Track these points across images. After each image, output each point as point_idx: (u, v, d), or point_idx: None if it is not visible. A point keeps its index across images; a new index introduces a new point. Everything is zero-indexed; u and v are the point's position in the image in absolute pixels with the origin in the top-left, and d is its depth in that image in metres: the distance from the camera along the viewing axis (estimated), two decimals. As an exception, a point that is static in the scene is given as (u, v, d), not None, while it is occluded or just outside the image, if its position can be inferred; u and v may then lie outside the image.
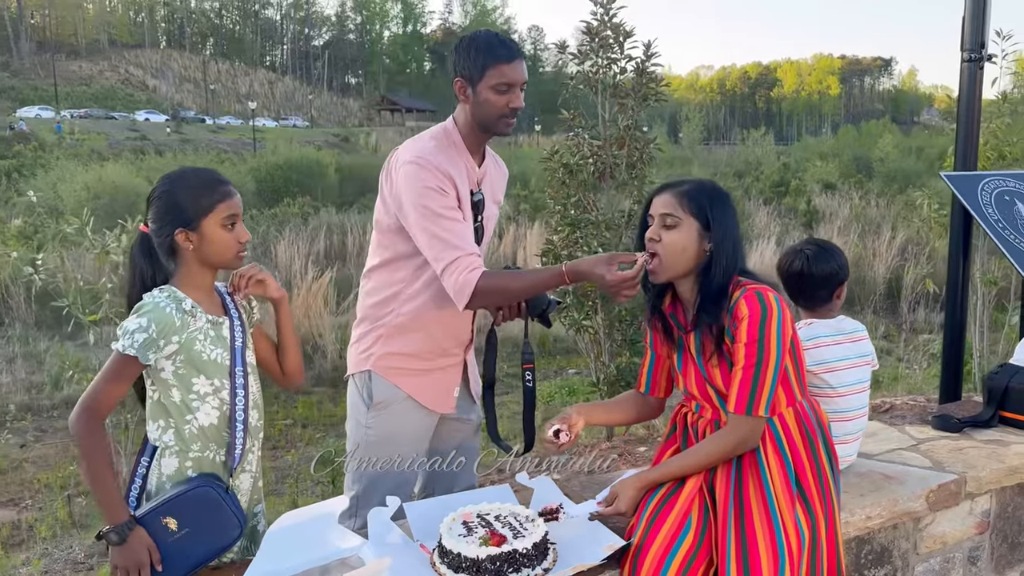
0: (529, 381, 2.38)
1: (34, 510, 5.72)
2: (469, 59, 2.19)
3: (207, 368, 1.89)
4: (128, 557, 1.76)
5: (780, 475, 1.88)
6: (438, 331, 2.29)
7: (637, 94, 5.03)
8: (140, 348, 1.79)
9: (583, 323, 5.11)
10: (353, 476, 2.32)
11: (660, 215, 1.94)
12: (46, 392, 8.43)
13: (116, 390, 1.82)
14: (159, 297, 1.84)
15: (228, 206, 1.88)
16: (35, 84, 79.35)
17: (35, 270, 4.36)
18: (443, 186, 2.15)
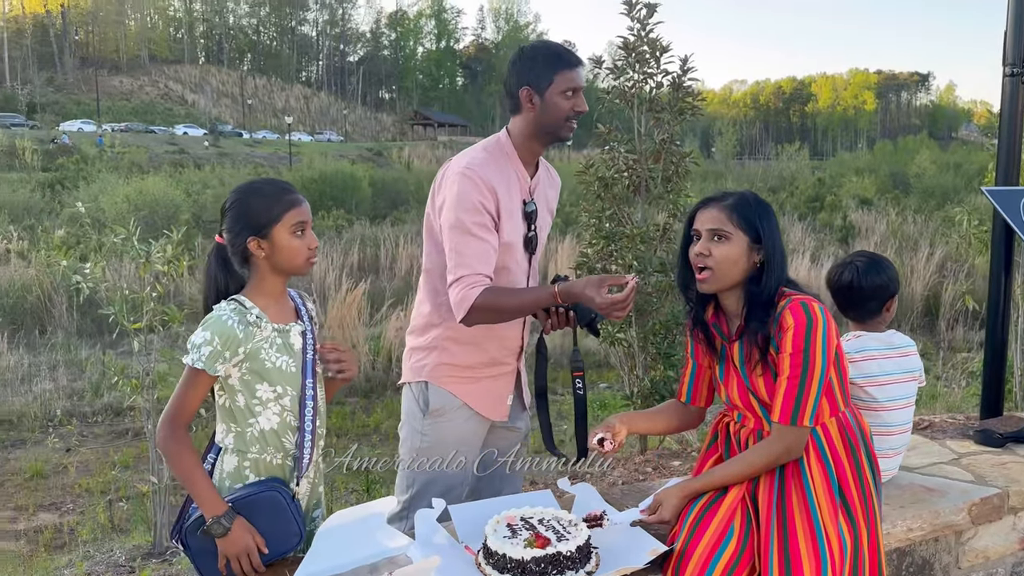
0: (580, 388, 2.41)
1: (75, 514, 5.84)
2: (537, 67, 2.28)
3: (271, 375, 1.94)
4: (235, 544, 1.84)
5: (823, 484, 1.89)
6: (489, 341, 2.35)
7: (673, 108, 5.04)
8: (207, 361, 1.87)
9: (617, 336, 5.11)
10: (406, 480, 2.37)
11: (708, 230, 1.96)
12: (87, 399, 8.61)
13: (192, 400, 1.90)
14: (224, 310, 1.91)
15: (297, 213, 1.94)
16: (78, 99, 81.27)
17: (83, 279, 4.49)
18: (485, 201, 2.21)
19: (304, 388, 1.97)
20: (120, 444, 7.40)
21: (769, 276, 1.93)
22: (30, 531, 5.45)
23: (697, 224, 1.99)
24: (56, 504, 6.10)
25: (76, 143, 44.64)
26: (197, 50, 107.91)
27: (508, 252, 2.30)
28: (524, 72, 2.29)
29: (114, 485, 6.24)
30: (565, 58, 2.29)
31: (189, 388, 1.89)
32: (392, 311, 10.67)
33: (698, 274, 1.97)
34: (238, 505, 1.88)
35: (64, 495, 6.27)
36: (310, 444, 1.97)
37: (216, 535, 1.84)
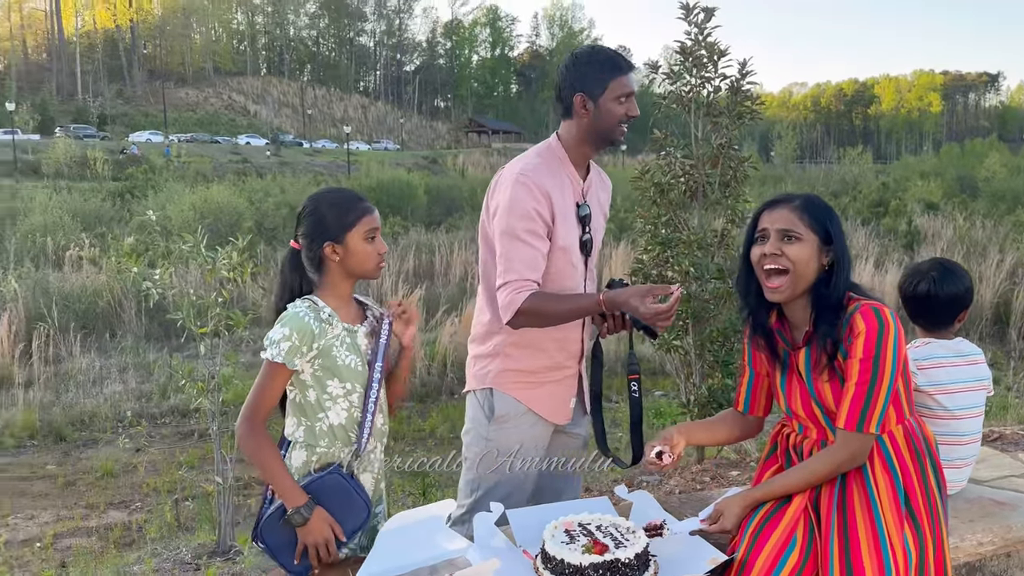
0: (635, 392, 2.43)
1: (144, 512, 6.03)
2: (591, 73, 2.30)
3: (341, 372, 2.04)
4: (314, 533, 1.94)
5: (889, 493, 1.85)
6: (551, 345, 2.36)
7: (731, 112, 4.99)
8: (287, 355, 1.97)
9: (673, 343, 5.07)
10: (470, 485, 2.41)
11: (778, 230, 1.91)
12: (155, 401, 8.89)
13: (270, 395, 2.01)
14: (299, 307, 2.01)
15: (370, 220, 2.05)
16: (146, 110, 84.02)
17: (153, 284, 4.64)
18: (538, 207, 2.24)
19: (370, 384, 2.05)
20: (186, 445, 7.62)
21: (838, 278, 1.90)
22: (101, 528, 5.65)
23: (765, 223, 1.94)
24: (125, 502, 6.30)
25: (144, 153, 46.13)
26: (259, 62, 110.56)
27: (564, 255, 2.33)
28: (578, 78, 2.31)
29: (180, 485, 6.43)
30: (618, 64, 2.31)
31: (268, 382, 1.99)
32: (447, 317, 10.76)
33: (769, 281, 1.91)
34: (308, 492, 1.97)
35: (133, 494, 6.48)
36: (367, 437, 2.04)
37: (296, 525, 1.94)
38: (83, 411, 8.39)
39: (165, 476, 6.70)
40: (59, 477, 6.80)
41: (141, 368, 10.05)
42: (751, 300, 2.01)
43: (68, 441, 7.79)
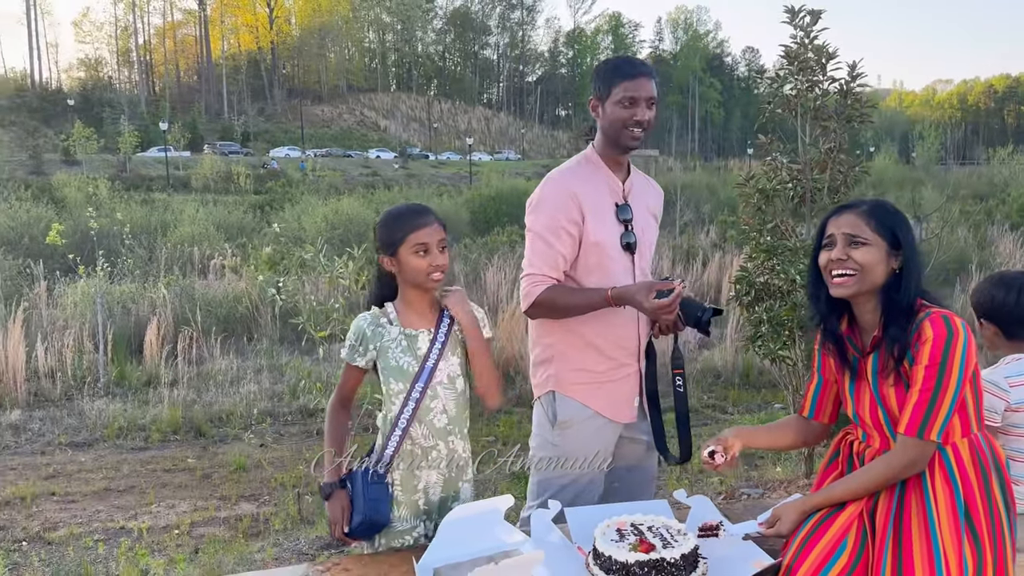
0: (680, 386, 2.46)
1: (271, 505, 6.42)
2: (600, 80, 2.44)
3: (395, 373, 2.21)
4: (331, 510, 2.21)
5: (947, 505, 1.81)
6: (605, 343, 2.43)
7: (841, 116, 4.85)
8: (348, 353, 2.24)
9: (779, 353, 4.96)
10: (538, 489, 2.49)
11: (844, 235, 1.93)
12: (285, 400, 9.41)
13: (344, 385, 2.30)
14: (364, 314, 2.25)
15: (417, 236, 2.18)
16: (285, 127, 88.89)
17: (278, 291, 4.98)
18: (565, 209, 2.36)
19: (412, 389, 2.18)
20: (311, 443, 8.04)
21: (908, 282, 1.89)
22: (232, 519, 6.06)
23: (831, 229, 1.96)
24: (255, 495, 6.72)
25: (283, 168, 48.82)
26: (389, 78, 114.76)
27: (599, 251, 2.40)
28: (594, 84, 2.47)
29: (304, 480, 6.80)
30: (623, 69, 2.40)
31: (343, 374, 2.28)
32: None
33: (832, 280, 1.93)
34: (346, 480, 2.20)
35: (262, 488, 6.90)
36: (398, 439, 2.18)
37: (322, 496, 2.21)
38: (221, 409, 8.97)
39: (291, 472, 7.09)
40: (197, 470, 7.33)
41: (274, 370, 10.63)
42: (821, 306, 2.01)
43: (207, 437, 8.37)
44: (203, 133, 72.70)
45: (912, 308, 1.88)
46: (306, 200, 27.49)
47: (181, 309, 11.80)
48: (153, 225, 20.73)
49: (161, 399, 9.11)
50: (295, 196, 31.73)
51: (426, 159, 71.21)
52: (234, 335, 12.19)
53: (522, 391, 9.33)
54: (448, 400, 2.24)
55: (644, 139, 2.44)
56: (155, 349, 10.47)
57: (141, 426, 8.39)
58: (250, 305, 12.86)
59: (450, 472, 2.26)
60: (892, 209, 1.95)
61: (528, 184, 33.85)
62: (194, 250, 17.92)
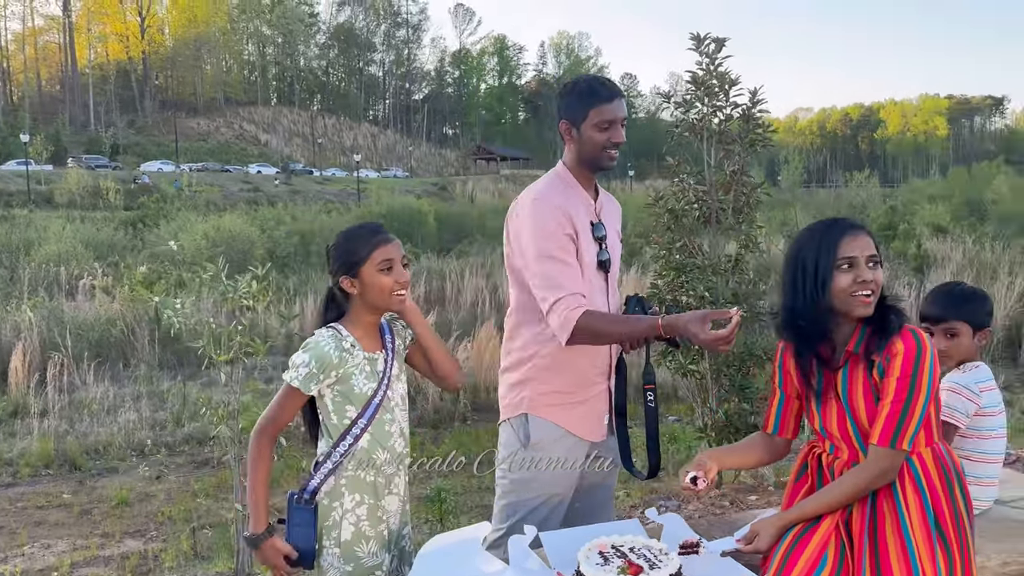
0: (651, 402, 2.46)
1: (159, 541, 6.03)
2: (572, 102, 2.38)
3: (358, 400, 2.09)
4: (264, 558, 2.07)
5: (918, 514, 1.88)
6: (583, 362, 2.40)
7: (743, 140, 5.05)
8: (303, 381, 2.05)
9: (689, 367, 5.09)
10: (506, 511, 2.42)
11: (868, 256, 1.96)
12: (169, 429, 8.90)
13: (283, 414, 2.10)
14: (323, 335, 2.09)
15: (383, 251, 2.09)
16: (157, 140, 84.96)
17: (174, 314, 4.69)
18: (563, 225, 2.30)
19: (368, 407, 2.09)
20: (202, 473, 7.62)
21: (886, 297, 1.97)
22: (117, 557, 5.65)
23: (853, 252, 1.95)
24: (141, 531, 6.30)
25: (156, 183, 46.59)
26: (270, 92, 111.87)
27: (585, 273, 2.37)
28: (563, 107, 2.41)
29: (196, 513, 6.42)
30: (598, 92, 2.37)
31: (283, 403, 2.09)
32: (459, 343, 10.77)
33: (861, 299, 1.93)
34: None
35: (148, 522, 6.48)
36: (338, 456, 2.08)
37: (250, 547, 2.08)
38: (97, 440, 8.40)
39: (181, 505, 6.70)
40: (74, 506, 6.81)
41: (154, 396, 10.07)
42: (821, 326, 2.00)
43: (83, 470, 7.80)
44: (67, 145, 68.56)
45: (886, 314, 1.95)
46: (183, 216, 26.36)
47: (49, 333, 11.03)
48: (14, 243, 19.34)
49: (30, 430, 8.44)
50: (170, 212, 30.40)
51: (310, 175, 69.69)
52: (108, 360, 11.48)
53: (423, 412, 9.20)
54: (403, 422, 2.18)
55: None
56: (20, 377, 9.72)
57: (8, 460, 7.75)
58: (125, 328, 12.14)
59: (405, 496, 2.19)
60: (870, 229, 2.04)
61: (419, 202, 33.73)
62: (61, 270, 16.83)
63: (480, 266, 18.44)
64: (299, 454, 5.77)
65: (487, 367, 9.74)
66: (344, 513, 2.07)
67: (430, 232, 27.69)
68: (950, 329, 2.50)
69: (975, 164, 64.87)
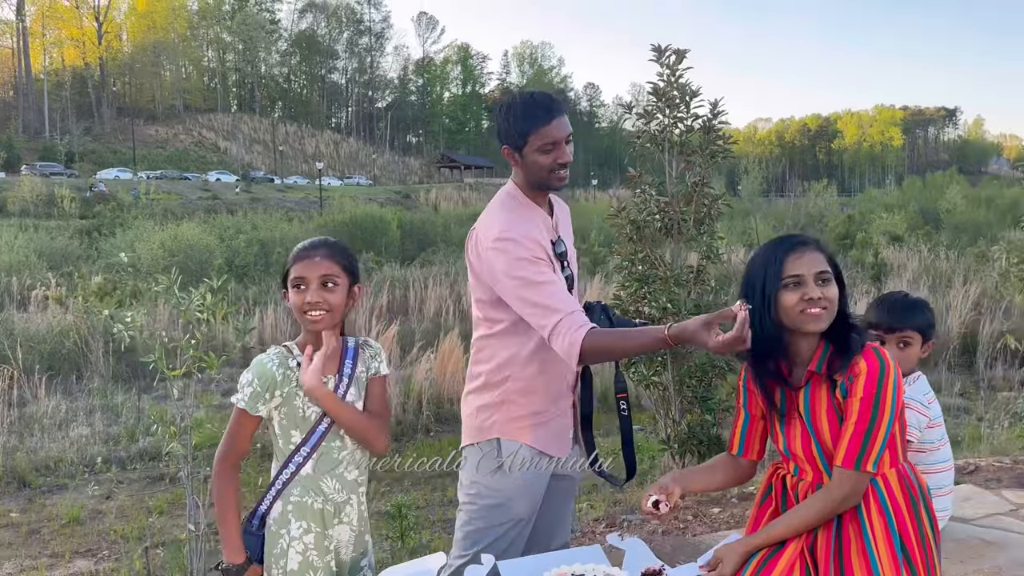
0: (624, 410, 2.42)
1: (111, 561, 5.85)
2: (511, 127, 2.27)
3: (303, 425, 2.01)
4: None
5: (884, 538, 1.85)
6: (554, 384, 2.35)
7: (704, 151, 5.07)
8: (249, 401, 1.97)
9: (652, 379, 5.08)
10: (471, 538, 2.34)
11: (816, 273, 1.93)
12: (123, 444, 8.69)
13: (238, 439, 2.01)
14: (269, 354, 2.01)
15: (296, 269, 2.04)
16: (115, 147, 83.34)
17: (125, 327, 4.56)
18: (534, 253, 2.22)
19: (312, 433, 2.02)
20: (155, 490, 7.43)
21: (845, 311, 1.94)
22: (67, 578, 5.47)
23: (800, 270, 1.92)
24: (92, 550, 6.12)
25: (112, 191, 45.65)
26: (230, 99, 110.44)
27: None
28: (501, 131, 2.30)
29: (150, 531, 6.26)
30: (535, 115, 2.24)
31: (234, 427, 2.01)
32: (422, 353, 10.68)
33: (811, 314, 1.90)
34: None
35: (100, 541, 6.29)
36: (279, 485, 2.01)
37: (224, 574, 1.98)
38: (48, 456, 8.17)
39: (134, 523, 6.52)
40: (22, 526, 6.59)
41: (108, 410, 9.83)
42: (774, 345, 1.97)
43: (32, 487, 7.57)
44: (20, 152, 67.01)
45: (848, 334, 1.92)
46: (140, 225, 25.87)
47: (-1, 345, 10.73)
48: (-37, 252, 18.79)
49: (-23, 447, 8.17)
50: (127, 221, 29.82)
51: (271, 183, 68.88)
52: (61, 373, 11.21)
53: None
54: (356, 450, 2.09)
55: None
56: (-32, 391, 9.41)
57: (-47, 478, 7.48)
58: (79, 340, 11.85)
59: (360, 527, 2.10)
60: (826, 243, 2.00)
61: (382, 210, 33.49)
62: (12, 280, 16.39)
63: (444, 275, 18.34)
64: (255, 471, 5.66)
65: (450, 377, 9.66)
66: (291, 541, 1.98)
67: (393, 241, 27.52)
68: (904, 338, 2.49)
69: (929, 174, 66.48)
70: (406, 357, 10.91)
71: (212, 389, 9.82)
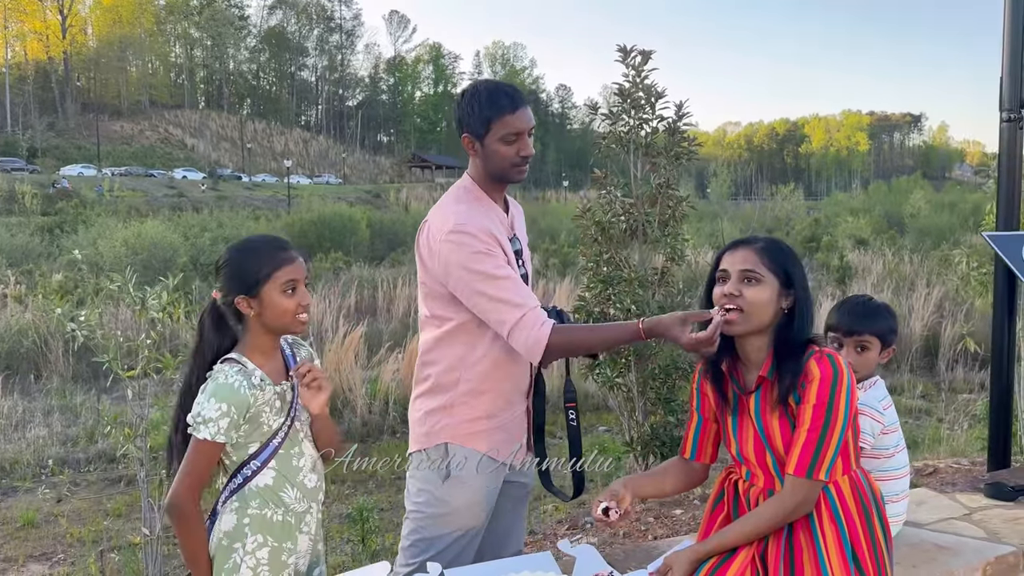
0: (573, 420, 2.36)
1: (66, 564, 5.72)
2: (473, 114, 2.21)
3: (264, 437, 1.93)
4: None
5: (835, 544, 1.84)
6: (506, 385, 2.28)
7: (669, 153, 5.07)
8: (226, 433, 1.85)
9: (616, 381, 5.07)
10: (418, 547, 2.26)
11: (739, 271, 1.92)
12: (81, 445, 8.51)
13: (206, 474, 1.88)
14: (230, 375, 1.87)
15: (287, 272, 1.93)
16: (78, 143, 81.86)
17: (78, 326, 4.45)
18: (489, 247, 2.15)
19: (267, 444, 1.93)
20: (113, 492, 7.29)
21: (802, 321, 1.90)
22: (19, 583, 5.34)
23: (726, 265, 1.94)
24: (47, 554, 5.98)
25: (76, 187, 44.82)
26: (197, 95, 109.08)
27: None
28: (463, 117, 2.24)
29: (106, 535, 6.13)
30: (501, 103, 2.19)
31: (202, 460, 1.86)
32: (390, 354, 10.60)
33: (728, 312, 1.91)
34: None
35: (55, 545, 6.15)
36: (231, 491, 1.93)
37: None
38: (3, 457, 7.97)
39: (90, 526, 6.38)
40: (-26, 529, 6.42)
41: (67, 411, 9.63)
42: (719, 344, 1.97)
43: (-14, 490, 7.39)
44: (-20, 147, 65.59)
45: (804, 347, 1.90)
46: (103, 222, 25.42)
47: (-47, 344, 10.48)
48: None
49: (-72, 448, 7.96)
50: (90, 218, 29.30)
51: (239, 180, 68.09)
52: (19, 373, 10.98)
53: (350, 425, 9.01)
54: (316, 455, 2.03)
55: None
56: (-79, 390, 9.18)
57: (-97, 481, 7.28)
58: (38, 339, 11.61)
59: (316, 535, 2.05)
60: (786, 248, 1.97)
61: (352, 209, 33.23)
62: (-31, 277, 16.01)
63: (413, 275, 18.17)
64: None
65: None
66: (244, 556, 1.89)
67: (362, 240, 27.31)
68: (862, 343, 2.48)
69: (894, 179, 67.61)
70: (373, 357, 10.82)
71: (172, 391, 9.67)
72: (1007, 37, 3.50)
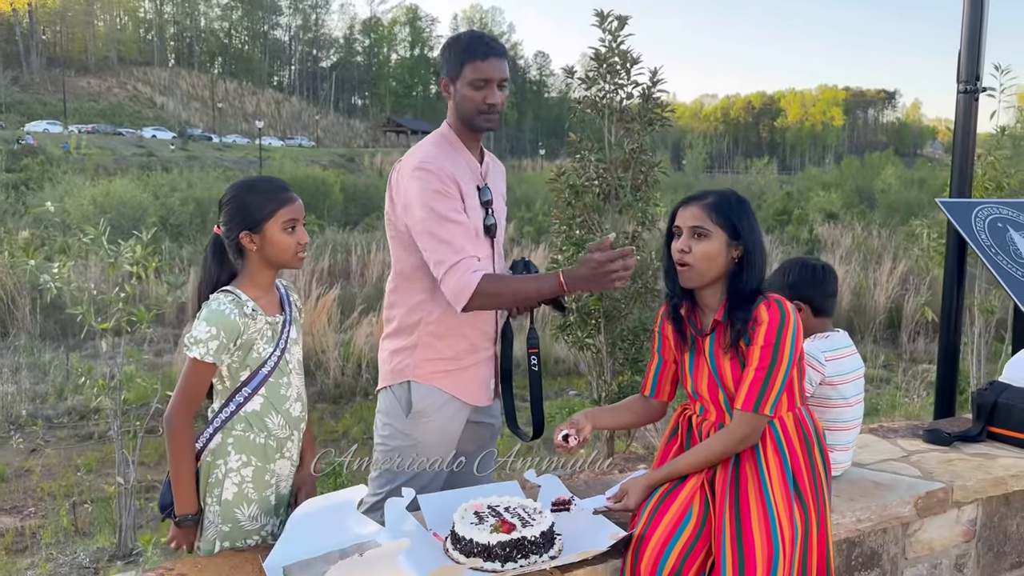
0: (535, 365, 2.44)
1: (37, 517, 5.75)
2: (450, 58, 2.31)
3: (255, 364, 2.03)
4: (178, 538, 2.03)
5: (778, 473, 1.98)
6: (469, 330, 2.36)
7: (643, 119, 5.14)
8: (216, 354, 1.96)
9: (586, 341, 5.18)
10: (384, 478, 2.38)
11: (689, 227, 2.02)
12: (50, 402, 8.49)
13: (200, 392, 2.00)
14: (223, 302, 1.98)
15: (289, 211, 2.02)
16: (44, 99, 79.84)
17: (51, 278, 4.45)
18: (448, 188, 2.23)
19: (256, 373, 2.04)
20: (84, 448, 7.31)
21: (751, 271, 2.01)
22: (-10, 534, 5.36)
23: (678, 221, 2.06)
24: (18, 507, 6.00)
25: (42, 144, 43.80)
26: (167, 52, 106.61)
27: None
28: (443, 61, 2.34)
29: (78, 488, 6.17)
30: (475, 49, 2.27)
31: (193, 379, 1.98)
32: (363, 317, 10.65)
33: (680, 267, 2.04)
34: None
35: (26, 498, 6.18)
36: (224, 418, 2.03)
37: (174, 522, 2.02)
38: (-29, 413, 7.94)
39: (61, 480, 6.41)
40: (-56, 482, 6.42)
41: (35, 368, 9.58)
42: (677, 289, 2.10)
43: (-46, 445, 7.36)
44: (-59, 100, 63.71)
45: (755, 293, 2.02)
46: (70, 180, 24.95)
47: (-82, 300, 10.32)
48: None
49: None
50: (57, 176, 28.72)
51: (209, 141, 66.95)
52: (-15, 330, 10.86)
53: (323, 386, 9.09)
54: (301, 387, 2.13)
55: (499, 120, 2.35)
56: None
57: None
58: (5, 296, 11.47)
59: (297, 460, 2.15)
60: (735, 201, 2.06)
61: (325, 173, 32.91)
62: (-67, 233, 15.70)
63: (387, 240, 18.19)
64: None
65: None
66: (228, 472, 2.00)
67: (336, 204, 27.14)
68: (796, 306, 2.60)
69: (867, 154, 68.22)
70: (346, 320, 10.87)
71: (145, 348, 9.65)
72: (966, 11, 3.62)
